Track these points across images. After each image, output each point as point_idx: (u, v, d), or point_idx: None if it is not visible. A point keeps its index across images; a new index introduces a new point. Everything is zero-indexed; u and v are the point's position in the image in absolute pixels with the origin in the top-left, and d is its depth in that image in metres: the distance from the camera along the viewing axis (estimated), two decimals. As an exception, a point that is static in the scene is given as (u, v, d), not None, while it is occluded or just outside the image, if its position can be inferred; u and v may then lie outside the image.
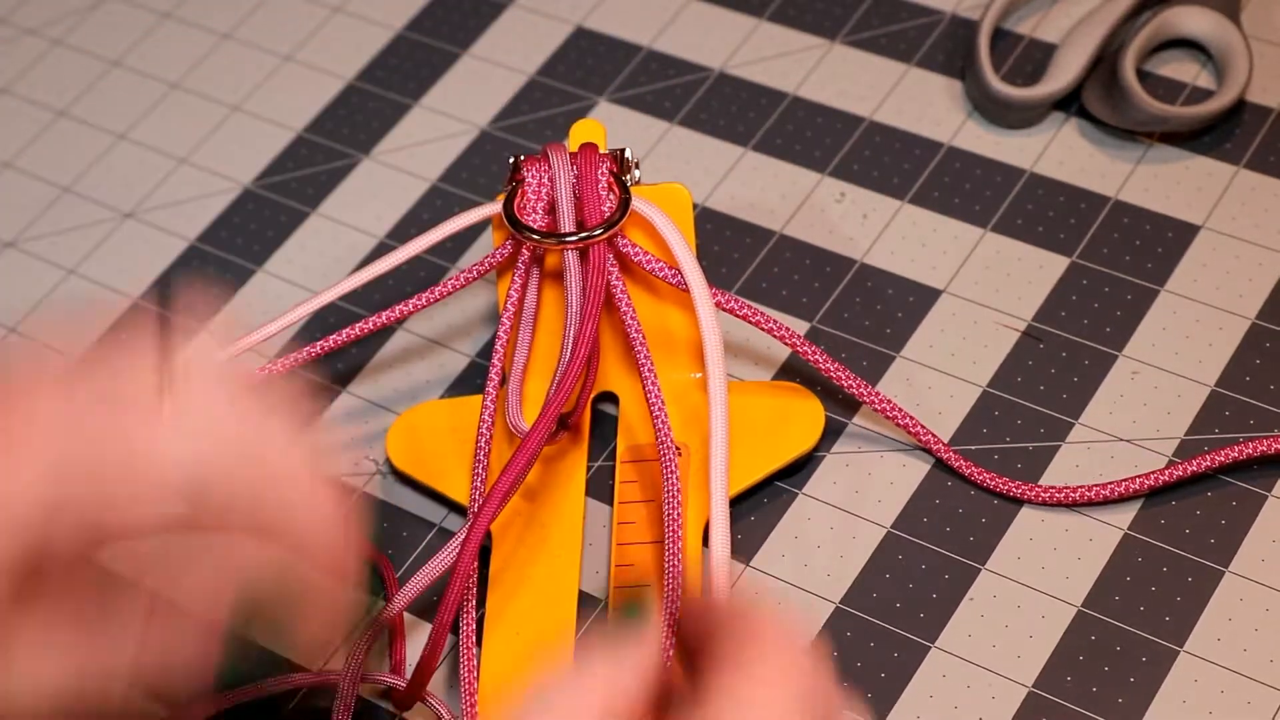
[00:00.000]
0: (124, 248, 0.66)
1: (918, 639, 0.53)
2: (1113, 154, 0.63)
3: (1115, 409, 0.57)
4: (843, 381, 0.56)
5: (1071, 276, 0.60)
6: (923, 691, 0.52)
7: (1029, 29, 0.67)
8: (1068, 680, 0.52)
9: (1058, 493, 0.55)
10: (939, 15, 0.68)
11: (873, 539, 0.55)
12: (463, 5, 0.72)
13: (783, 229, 0.63)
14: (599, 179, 0.55)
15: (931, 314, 0.60)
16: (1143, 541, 0.54)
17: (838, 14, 0.69)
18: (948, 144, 0.65)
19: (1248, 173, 0.62)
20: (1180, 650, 0.52)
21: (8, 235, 0.68)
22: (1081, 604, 0.53)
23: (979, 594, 0.54)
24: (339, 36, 0.72)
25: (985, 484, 0.55)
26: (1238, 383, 0.57)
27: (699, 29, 0.69)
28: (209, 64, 0.72)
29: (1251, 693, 0.51)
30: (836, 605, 0.54)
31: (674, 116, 0.67)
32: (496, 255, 0.57)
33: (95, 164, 0.69)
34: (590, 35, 0.70)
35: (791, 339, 0.55)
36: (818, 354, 0.55)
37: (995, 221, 0.62)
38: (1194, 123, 0.62)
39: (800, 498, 0.56)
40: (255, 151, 0.68)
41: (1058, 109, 0.65)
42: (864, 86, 0.67)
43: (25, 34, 0.74)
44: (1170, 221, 0.61)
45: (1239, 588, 0.53)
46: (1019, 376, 0.58)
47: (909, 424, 0.56)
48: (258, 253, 0.65)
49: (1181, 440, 0.56)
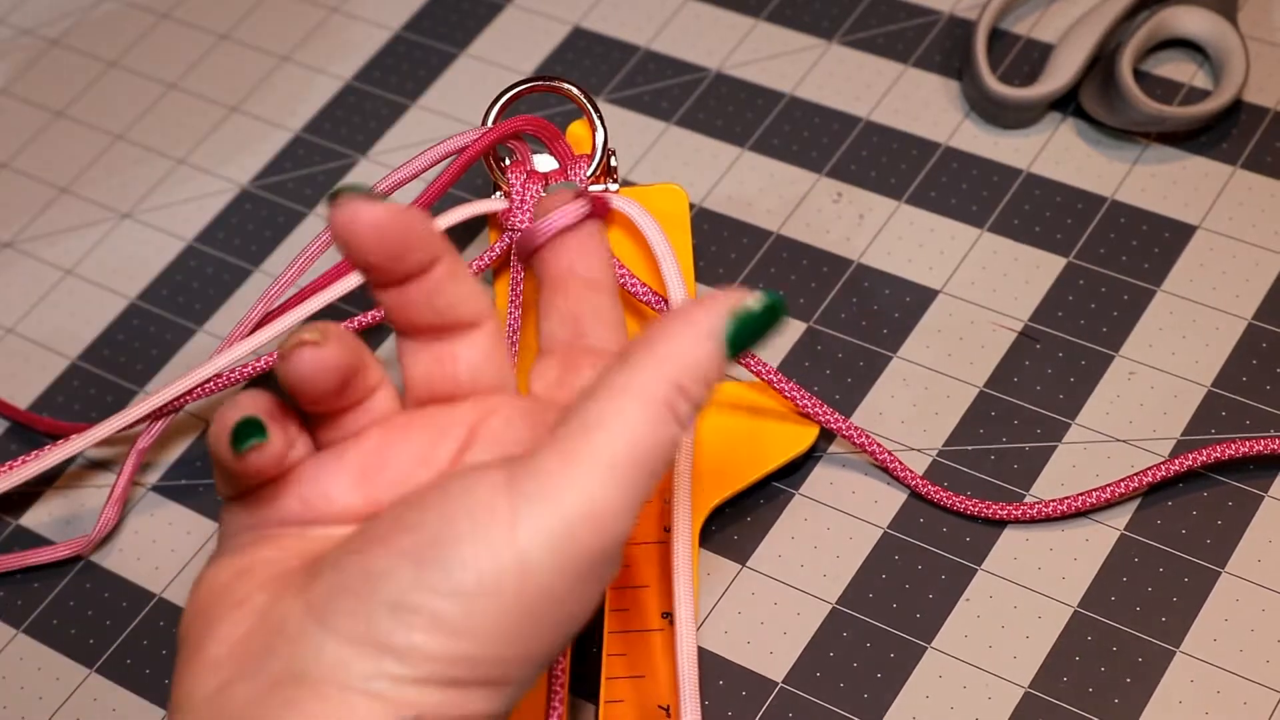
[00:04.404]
0: (122, 248, 0.66)
1: (914, 639, 0.53)
2: (1110, 154, 0.63)
3: (1112, 409, 0.57)
4: (818, 415, 0.56)
5: (1068, 276, 0.60)
6: (919, 692, 0.52)
7: (1026, 29, 0.67)
8: (1064, 681, 0.52)
9: (1029, 509, 0.55)
10: (936, 15, 0.68)
11: (869, 539, 0.55)
12: (460, 5, 0.72)
13: (779, 229, 0.63)
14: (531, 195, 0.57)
15: (928, 314, 0.60)
16: (1139, 542, 0.54)
17: (835, 14, 0.69)
18: (944, 144, 0.65)
19: (1244, 173, 0.62)
20: (1176, 651, 0.52)
21: (5, 235, 0.68)
22: (1078, 605, 0.53)
23: (975, 594, 0.54)
24: (336, 37, 0.72)
25: (961, 509, 0.55)
26: (1234, 383, 0.57)
27: (696, 29, 0.69)
28: (207, 64, 0.72)
29: (1248, 693, 0.51)
30: (833, 606, 0.54)
31: (671, 116, 0.67)
32: (494, 251, 0.57)
33: (93, 164, 0.69)
34: (587, 35, 0.70)
35: (767, 374, 0.56)
36: (792, 388, 0.56)
37: (992, 221, 0.62)
38: (1191, 123, 0.62)
39: (797, 498, 0.56)
40: (253, 152, 0.69)
41: (1055, 109, 0.65)
42: (861, 86, 0.67)
43: (23, 34, 0.74)
44: (1167, 221, 0.61)
45: (1235, 588, 0.53)
46: (1015, 377, 0.58)
47: (886, 459, 0.56)
48: (255, 253, 0.65)
49: (1178, 440, 0.56)
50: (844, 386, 0.59)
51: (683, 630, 0.50)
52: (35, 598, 0.58)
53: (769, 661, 0.53)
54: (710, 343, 0.40)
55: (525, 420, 0.43)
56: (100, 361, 0.63)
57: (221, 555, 0.42)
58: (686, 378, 0.39)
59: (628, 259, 0.58)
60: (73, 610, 0.57)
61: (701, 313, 0.40)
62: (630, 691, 0.52)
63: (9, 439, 0.62)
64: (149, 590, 0.58)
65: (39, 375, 0.63)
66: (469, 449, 0.42)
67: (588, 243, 0.46)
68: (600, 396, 0.39)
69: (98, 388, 0.63)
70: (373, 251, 0.41)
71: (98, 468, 0.61)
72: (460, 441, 0.42)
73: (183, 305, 0.64)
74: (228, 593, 0.41)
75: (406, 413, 0.43)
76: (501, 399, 0.43)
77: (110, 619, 0.57)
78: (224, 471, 0.42)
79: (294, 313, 0.56)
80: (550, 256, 0.46)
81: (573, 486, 0.38)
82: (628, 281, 0.56)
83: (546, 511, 0.38)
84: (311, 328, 0.41)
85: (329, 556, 0.40)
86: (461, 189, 0.65)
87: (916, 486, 0.56)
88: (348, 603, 0.38)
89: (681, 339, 0.40)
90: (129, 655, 0.56)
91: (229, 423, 0.41)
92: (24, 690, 0.56)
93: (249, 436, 0.40)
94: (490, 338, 0.44)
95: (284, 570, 0.41)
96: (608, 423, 0.39)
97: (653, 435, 0.39)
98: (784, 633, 0.54)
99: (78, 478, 0.61)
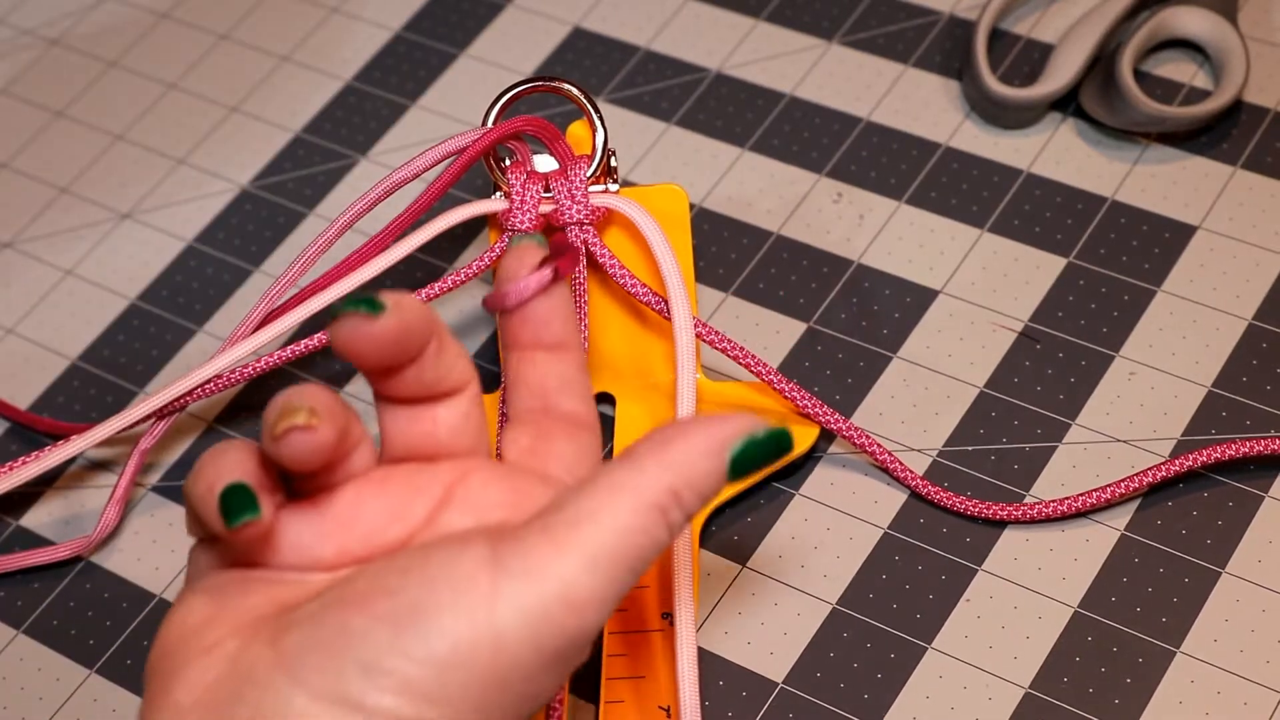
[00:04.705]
0: (122, 248, 0.66)
1: (914, 640, 0.53)
2: (1110, 154, 0.63)
3: (1112, 410, 0.57)
4: (818, 416, 0.56)
5: (1068, 277, 0.60)
6: (919, 692, 0.52)
7: (1026, 29, 0.67)
8: (1064, 681, 0.52)
9: (1030, 509, 0.55)
10: (936, 15, 0.68)
11: (869, 540, 0.55)
12: (460, 6, 0.72)
13: (779, 229, 0.63)
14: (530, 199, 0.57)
15: (928, 314, 0.60)
16: (1139, 542, 0.54)
17: (835, 14, 0.69)
18: (945, 144, 0.65)
19: (1245, 173, 0.62)
20: (1177, 651, 0.52)
21: (5, 236, 0.68)
22: (1078, 605, 0.53)
23: (975, 595, 0.54)
24: (336, 37, 0.72)
25: (961, 510, 0.55)
26: (1234, 383, 0.57)
27: (696, 29, 0.69)
28: (207, 64, 0.72)
29: (1248, 693, 0.51)
30: (833, 606, 0.54)
31: (671, 117, 0.67)
32: (494, 252, 0.57)
33: (93, 164, 0.69)
34: (588, 35, 0.70)
35: (768, 374, 0.56)
36: (792, 388, 0.56)
37: (992, 222, 0.62)
38: (1191, 123, 0.62)
39: (797, 498, 0.56)
40: (253, 152, 0.68)
41: (1055, 109, 0.65)
42: (861, 87, 0.67)
43: (23, 34, 0.74)
44: (1167, 222, 0.61)
45: (1236, 589, 0.53)
46: (1016, 377, 0.58)
47: (886, 459, 0.56)
48: (255, 253, 0.65)
49: (1178, 441, 0.56)
50: (844, 387, 0.59)
51: (683, 631, 0.50)
52: (35, 598, 0.58)
53: (769, 662, 0.53)
54: (718, 459, 0.41)
55: (502, 484, 0.43)
56: (100, 362, 0.63)
57: (190, 595, 0.42)
58: (686, 487, 0.40)
59: (628, 259, 0.58)
60: (73, 611, 0.57)
61: (716, 427, 0.41)
62: (630, 692, 0.52)
63: (9, 439, 0.62)
64: (149, 591, 0.58)
65: (39, 376, 0.63)
66: (444, 509, 0.43)
67: (553, 310, 0.46)
68: (598, 490, 0.40)
69: (98, 388, 0.63)
70: (374, 361, 0.42)
71: (98, 468, 0.61)
72: (436, 500, 0.43)
73: (183, 306, 0.64)
74: (196, 637, 0.41)
75: (383, 468, 0.44)
76: (478, 461, 0.44)
77: (111, 619, 0.57)
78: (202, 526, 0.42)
79: (295, 313, 0.56)
80: (515, 327, 0.46)
81: (556, 571, 0.39)
82: (628, 282, 0.56)
83: (527, 591, 0.39)
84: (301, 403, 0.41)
85: (303, 609, 0.40)
86: (462, 189, 0.65)
87: (917, 487, 0.56)
88: (320, 658, 0.39)
89: (690, 449, 0.41)
90: (129, 656, 0.56)
91: (215, 487, 0.41)
92: (24, 691, 0.56)
93: (242, 511, 0.41)
94: (470, 400, 0.44)
95: (255, 617, 0.41)
96: (599, 516, 0.40)
97: (641, 536, 0.40)
98: (784, 633, 0.54)
99: (78, 478, 0.61)
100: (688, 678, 0.49)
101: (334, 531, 0.42)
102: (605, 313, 0.58)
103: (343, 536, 0.42)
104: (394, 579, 0.40)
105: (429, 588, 0.39)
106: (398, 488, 0.43)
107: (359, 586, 0.40)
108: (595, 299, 0.58)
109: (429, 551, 0.40)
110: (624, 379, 0.58)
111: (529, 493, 0.43)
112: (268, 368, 0.58)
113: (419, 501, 0.43)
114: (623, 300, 0.58)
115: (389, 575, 0.40)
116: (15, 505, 0.60)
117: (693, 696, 0.49)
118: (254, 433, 0.61)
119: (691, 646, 0.50)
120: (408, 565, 0.40)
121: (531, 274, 0.45)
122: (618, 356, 0.58)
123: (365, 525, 0.43)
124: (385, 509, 0.43)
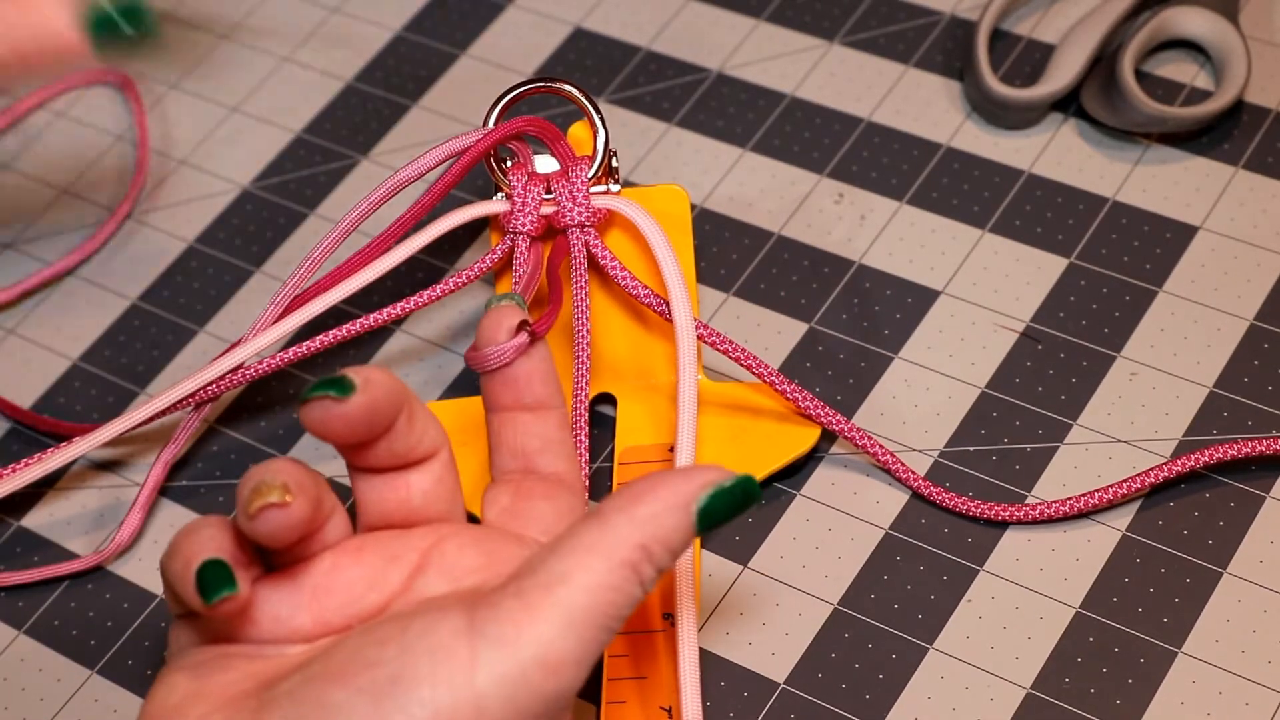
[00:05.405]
0: (122, 249, 0.66)
1: (915, 640, 0.53)
2: (1111, 154, 0.63)
3: (1113, 410, 0.57)
4: (819, 416, 0.56)
5: (1069, 277, 0.60)
6: (920, 693, 0.52)
7: (1027, 29, 0.67)
8: (1066, 682, 0.52)
9: (1031, 510, 0.55)
10: (937, 16, 0.68)
11: (871, 540, 0.55)
12: (461, 6, 0.72)
13: (781, 230, 0.63)
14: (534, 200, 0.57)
15: (930, 315, 0.60)
16: (1141, 543, 0.54)
17: (836, 15, 0.69)
18: (946, 145, 0.65)
19: (1246, 173, 0.62)
20: (1178, 652, 0.52)
21: (5, 235, 0.67)
22: (1079, 605, 0.53)
23: (977, 595, 0.54)
24: (337, 37, 0.72)
25: (962, 510, 0.55)
26: (1236, 384, 0.57)
27: (697, 30, 0.69)
28: (207, 64, 0.72)
29: (1249, 694, 0.51)
30: (834, 607, 0.54)
31: (672, 117, 0.67)
32: (495, 254, 0.57)
33: (93, 165, 0.69)
34: (589, 36, 0.70)
35: (769, 375, 0.56)
36: (793, 389, 0.56)
37: (993, 222, 0.62)
38: (1192, 123, 0.62)
39: (798, 499, 0.56)
40: (254, 152, 0.68)
41: (1056, 109, 0.65)
42: (862, 87, 0.67)
43: (24, 35, 0.74)
44: (1168, 222, 0.61)
45: (1237, 589, 0.53)
46: (1017, 377, 0.58)
47: (887, 459, 0.56)
48: (256, 254, 0.65)
49: (1180, 441, 0.56)
50: (845, 387, 0.59)
51: (684, 631, 0.50)
52: (36, 599, 0.58)
53: (771, 662, 0.53)
54: (685, 513, 0.41)
55: (477, 548, 0.44)
56: (101, 362, 0.63)
57: (171, 672, 0.43)
58: (655, 543, 0.41)
59: (629, 260, 0.58)
60: (74, 612, 0.57)
61: (681, 482, 0.41)
62: (632, 692, 0.52)
63: (10, 440, 0.62)
64: (150, 592, 0.57)
65: (40, 376, 0.63)
66: (420, 574, 0.43)
67: (533, 371, 0.47)
68: (569, 551, 0.41)
69: (99, 389, 0.63)
70: (346, 440, 0.43)
71: (99, 469, 0.61)
72: (412, 566, 0.43)
73: (184, 306, 0.64)
74: (179, 714, 0.41)
75: (358, 536, 0.44)
76: (453, 526, 0.45)
77: (111, 620, 0.57)
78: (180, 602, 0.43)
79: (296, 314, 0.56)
80: (496, 389, 0.47)
81: (532, 635, 0.39)
82: (629, 283, 0.56)
83: (505, 657, 0.39)
84: (275, 480, 0.41)
85: (283, 685, 0.41)
86: (463, 190, 0.65)
87: (918, 487, 0.56)
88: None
89: (656, 504, 0.41)
90: (130, 657, 0.56)
91: (192, 563, 0.41)
92: (25, 692, 0.56)
93: (219, 586, 0.41)
94: (443, 465, 0.45)
95: (236, 693, 0.41)
96: (572, 577, 0.40)
97: (614, 594, 0.40)
98: (786, 634, 0.54)
99: (79, 479, 0.61)
100: (689, 678, 0.49)
101: (311, 602, 0.43)
102: (606, 314, 0.58)
103: (320, 607, 0.43)
104: (372, 650, 0.40)
105: (407, 658, 0.39)
106: (373, 556, 0.44)
107: (338, 659, 0.40)
108: (596, 300, 0.58)
109: (406, 622, 0.40)
110: (625, 380, 0.58)
111: (503, 555, 0.44)
112: (269, 369, 0.58)
113: (395, 569, 0.43)
114: (624, 301, 0.58)
115: (367, 647, 0.40)
116: (15, 505, 0.60)
117: (694, 697, 0.49)
118: (255, 433, 0.61)
119: (693, 647, 0.50)
120: (385, 636, 0.40)
121: (510, 339, 0.46)
122: (619, 357, 0.58)
123: (342, 594, 0.43)
124: (362, 577, 0.43)
